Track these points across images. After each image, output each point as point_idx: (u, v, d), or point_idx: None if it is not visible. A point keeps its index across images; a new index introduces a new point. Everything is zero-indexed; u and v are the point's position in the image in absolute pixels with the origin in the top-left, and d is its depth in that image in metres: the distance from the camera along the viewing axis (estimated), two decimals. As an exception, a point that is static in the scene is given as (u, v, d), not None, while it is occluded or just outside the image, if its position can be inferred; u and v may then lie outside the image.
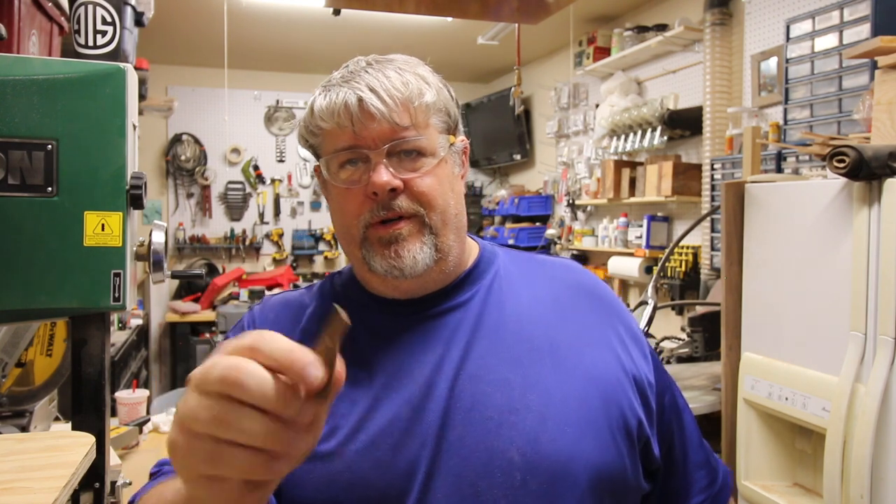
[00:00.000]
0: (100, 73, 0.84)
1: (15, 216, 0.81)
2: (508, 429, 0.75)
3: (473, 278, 0.86)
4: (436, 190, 0.79)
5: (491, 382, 0.78)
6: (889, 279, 1.33)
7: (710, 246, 2.99)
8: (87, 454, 0.76)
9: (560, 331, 0.83)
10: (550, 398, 0.77)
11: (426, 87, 0.79)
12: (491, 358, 0.80)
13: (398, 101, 0.77)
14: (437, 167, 0.80)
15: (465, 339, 0.81)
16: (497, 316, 0.83)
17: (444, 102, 0.82)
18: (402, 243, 0.78)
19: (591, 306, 0.87)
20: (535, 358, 0.80)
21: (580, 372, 0.80)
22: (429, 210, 0.79)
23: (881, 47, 1.48)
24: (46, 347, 1.34)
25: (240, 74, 5.64)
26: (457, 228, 0.83)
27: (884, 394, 1.34)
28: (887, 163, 1.35)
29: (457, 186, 0.84)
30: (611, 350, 0.84)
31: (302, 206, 6.01)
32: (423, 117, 0.79)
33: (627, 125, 3.89)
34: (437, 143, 0.80)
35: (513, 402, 0.77)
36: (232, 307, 4.58)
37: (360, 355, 0.82)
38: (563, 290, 0.88)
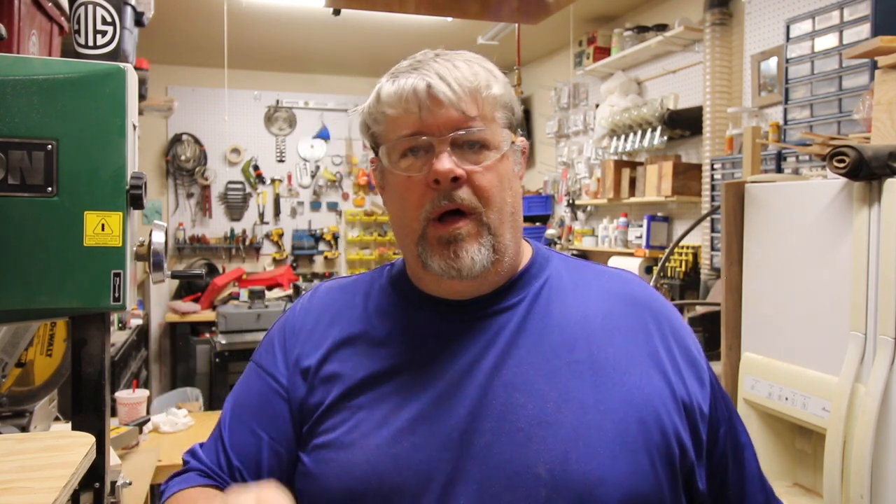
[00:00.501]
0: (100, 73, 0.84)
1: (15, 216, 0.81)
2: (538, 443, 0.73)
3: (523, 283, 0.83)
4: (496, 186, 0.78)
5: (525, 392, 0.75)
6: (889, 279, 1.33)
7: (710, 246, 2.99)
8: (87, 454, 0.76)
9: (605, 347, 0.79)
10: (585, 416, 0.74)
11: (494, 80, 0.78)
12: (528, 367, 0.77)
13: (467, 91, 0.75)
14: (499, 162, 0.78)
15: (504, 345, 0.78)
16: (541, 324, 0.80)
17: (509, 98, 0.80)
18: (460, 244, 0.77)
19: (644, 324, 0.82)
20: (574, 372, 0.77)
21: (621, 392, 0.76)
22: (487, 207, 0.77)
23: (881, 47, 1.48)
24: (46, 347, 1.34)
25: (240, 74, 5.64)
26: (513, 227, 0.81)
27: (884, 394, 1.34)
28: (887, 163, 1.35)
29: (515, 185, 0.82)
30: (659, 372, 0.79)
31: (302, 206, 6.01)
32: (490, 110, 0.78)
33: (627, 125, 3.89)
34: (500, 137, 0.79)
35: (545, 415, 0.74)
36: (232, 307, 4.58)
37: (396, 350, 0.81)
38: (616, 305, 0.83)
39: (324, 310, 0.89)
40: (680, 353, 0.82)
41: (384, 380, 0.80)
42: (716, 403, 0.82)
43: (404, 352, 0.81)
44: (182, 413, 2.64)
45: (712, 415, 0.81)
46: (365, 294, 0.88)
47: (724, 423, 0.83)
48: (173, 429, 2.55)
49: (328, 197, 6.08)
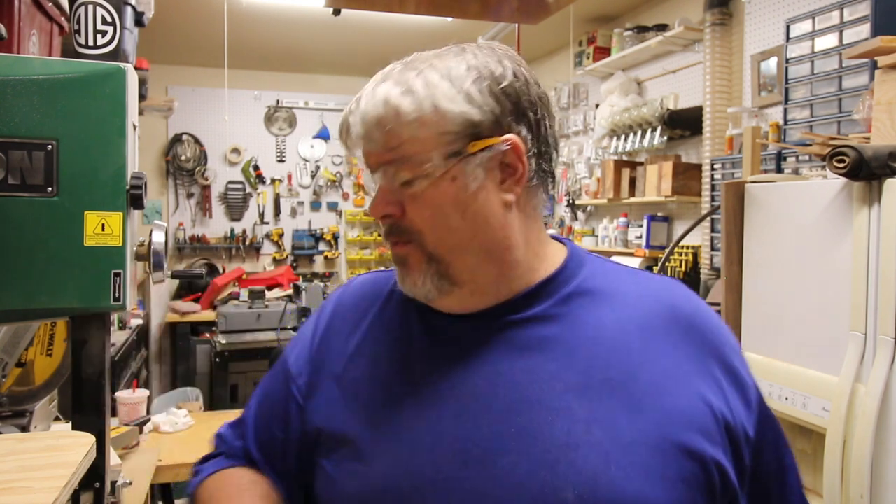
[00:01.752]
0: (100, 73, 0.84)
1: (15, 216, 0.81)
2: (567, 465, 0.67)
3: (551, 289, 0.76)
4: (427, 218, 0.71)
5: (553, 410, 0.69)
6: (889, 279, 1.33)
7: (710, 246, 2.98)
8: (87, 454, 0.76)
9: (642, 362, 0.72)
10: (618, 438, 0.68)
11: (407, 104, 0.69)
12: (557, 382, 0.71)
13: (372, 124, 0.70)
14: (430, 189, 0.70)
15: (532, 358, 0.72)
16: (572, 335, 0.73)
17: (445, 109, 0.69)
18: (404, 269, 0.74)
19: (687, 338, 0.75)
20: (607, 389, 0.70)
21: (658, 413, 0.69)
22: (426, 237, 0.72)
23: (881, 47, 1.48)
24: (46, 347, 1.34)
25: (240, 74, 5.64)
26: (480, 249, 0.73)
27: (884, 394, 1.34)
28: (887, 163, 1.35)
29: (474, 204, 0.71)
30: (701, 392, 0.72)
31: (302, 206, 6.01)
32: (414, 135, 0.69)
33: (627, 125, 3.89)
34: (425, 163, 0.69)
35: (574, 435, 0.68)
36: (232, 307, 4.58)
37: (414, 359, 0.77)
38: (657, 316, 0.75)
39: (352, 308, 0.86)
40: (725, 373, 0.75)
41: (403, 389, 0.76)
42: (762, 426, 0.76)
43: (421, 361, 0.77)
44: (182, 413, 2.64)
45: (758, 439, 0.75)
46: (389, 293, 0.85)
47: (770, 446, 0.77)
48: (173, 429, 2.55)
49: (328, 197, 6.08)
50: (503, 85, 0.71)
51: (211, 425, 2.71)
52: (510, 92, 0.71)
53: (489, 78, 0.71)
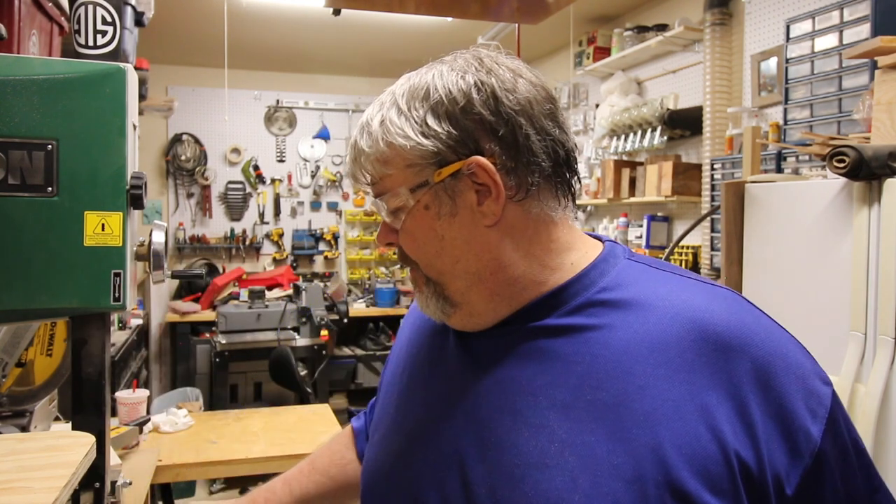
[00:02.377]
0: (100, 73, 0.84)
1: (15, 216, 0.81)
2: (531, 485, 0.64)
3: (563, 298, 0.71)
4: (412, 248, 0.73)
5: (531, 426, 0.66)
6: (889, 279, 1.33)
7: (710, 246, 2.98)
8: (87, 454, 0.76)
9: (642, 388, 0.63)
10: (592, 466, 0.62)
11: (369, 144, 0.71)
12: (543, 397, 0.67)
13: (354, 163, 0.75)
14: (409, 220, 0.72)
15: (525, 369, 0.69)
16: (572, 349, 0.68)
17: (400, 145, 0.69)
18: (417, 293, 0.77)
19: (710, 363, 0.63)
20: (592, 412, 0.64)
21: (646, 448, 0.61)
22: (420, 264, 0.74)
23: (881, 47, 1.48)
24: (46, 347, 1.34)
25: (240, 74, 5.64)
26: (467, 273, 0.71)
27: (884, 394, 1.34)
28: (887, 163, 1.35)
29: (450, 229, 0.70)
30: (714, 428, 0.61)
31: (302, 206, 6.01)
32: (376, 172, 0.72)
33: (627, 125, 3.89)
34: (397, 196, 0.71)
35: (547, 456, 0.64)
36: (232, 307, 4.58)
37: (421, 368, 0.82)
38: (680, 336, 0.65)
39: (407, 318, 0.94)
40: (765, 409, 0.62)
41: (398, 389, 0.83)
42: (814, 484, 0.62)
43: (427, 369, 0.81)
44: (182, 413, 2.64)
45: (801, 498, 0.62)
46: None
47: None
48: (173, 429, 2.55)
49: (328, 197, 6.08)
50: (461, 106, 0.68)
51: (211, 425, 2.72)
52: (469, 112, 0.68)
53: (442, 104, 0.68)
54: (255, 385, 4.67)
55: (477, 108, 0.68)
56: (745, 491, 0.60)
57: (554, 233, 0.73)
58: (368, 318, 5.31)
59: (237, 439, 2.52)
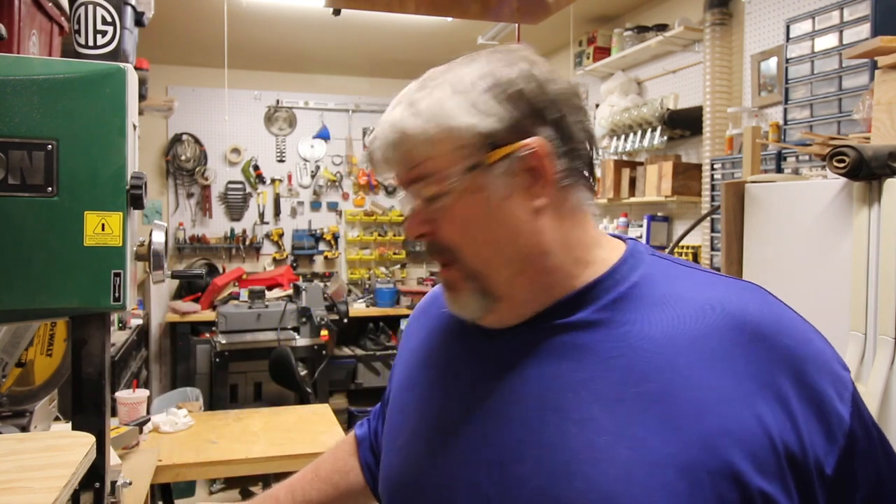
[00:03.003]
0: (100, 73, 0.84)
1: (15, 216, 0.81)
2: (584, 480, 0.63)
3: (595, 294, 0.72)
4: (457, 234, 0.70)
5: (577, 421, 0.66)
6: (889, 279, 1.33)
7: (710, 246, 2.98)
8: (87, 454, 0.76)
9: (688, 378, 0.64)
10: (645, 458, 0.62)
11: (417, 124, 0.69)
12: (586, 392, 0.67)
13: (390, 146, 0.70)
14: (457, 204, 0.69)
15: (562, 365, 0.69)
16: (611, 344, 0.68)
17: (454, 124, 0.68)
18: (451, 292, 0.74)
19: (750, 353, 0.65)
20: (640, 404, 0.64)
21: (697, 436, 0.62)
22: (460, 254, 0.70)
23: (881, 47, 1.48)
24: (46, 347, 1.34)
25: (240, 74, 5.64)
26: (513, 260, 0.70)
27: (884, 394, 1.34)
28: (887, 163, 1.35)
29: (502, 213, 0.69)
30: (758, 415, 0.63)
31: (302, 206, 6.01)
32: (419, 156, 0.70)
33: (627, 125, 3.89)
34: (449, 180, 0.69)
35: (597, 450, 0.64)
36: (232, 307, 4.58)
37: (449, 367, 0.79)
38: (718, 327, 0.67)
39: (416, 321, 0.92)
40: (801, 395, 0.64)
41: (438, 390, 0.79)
42: (851, 460, 0.65)
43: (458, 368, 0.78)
44: (182, 413, 2.64)
45: (839, 477, 0.64)
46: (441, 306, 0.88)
47: (864, 485, 0.66)
48: (173, 429, 2.55)
49: (328, 197, 6.08)
50: (514, 90, 0.68)
51: (211, 425, 2.72)
52: (523, 95, 0.69)
53: (499, 85, 0.69)
54: (255, 385, 4.67)
55: (531, 91, 0.69)
56: (790, 474, 0.62)
57: (587, 225, 0.74)
58: (368, 318, 5.31)
59: (237, 439, 2.52)
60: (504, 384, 0.72)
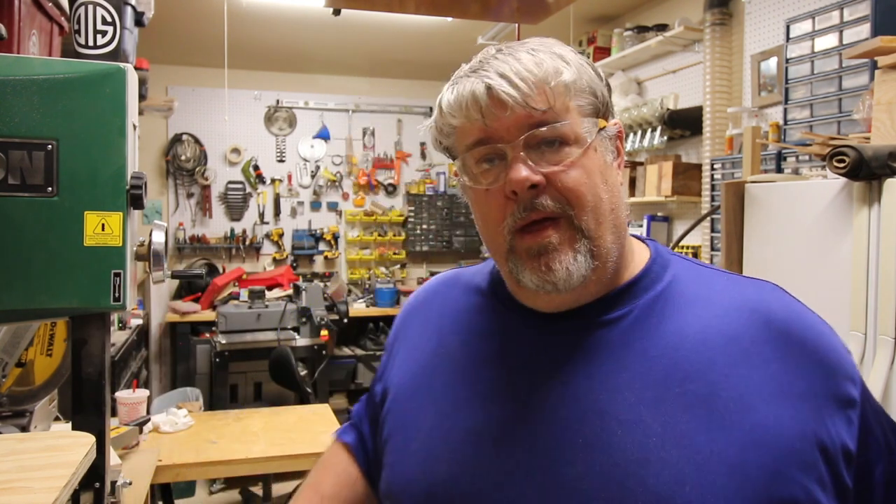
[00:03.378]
0: (100, 73, 0.84)
1: (15, 216, 0.81)
2: (635, 483, 0.63)
3: (635, 292, 0.72)
4: (584, 184, 0.68)
5: (624, 422, 0.66)
6: (889, 279, 1.33)
7: (710, 246, 2.98)
8: (87, 454, 0.76)
9: (728, 377, 0.66)
10: (695, 456, 0.63)
11: (564, 66, 0.68)
12: (629, 393, 0.67)
13: (531, 84, 0.67)
14: (583, 157, 0.69)
15: (603, 365, 0.69)
16: (650, 343, 0.69)
17: (588, 81, 0.70)
18: (552, 254, 0.68)
19: (781, 351, 0.68)
20: (685, 404, 0.65)
21: (742, 433, 0.64)
22: (578, 209, 0.68)
23: (881, 47, 1.48)
24: (46, 347, 1.34)
25: (240, 74, 5.64)
26: (615, 226, 0.71)
27: (884, 394, 1.34)
28: (887, 163, 1.35)
29: (611, 177, 0.71)
30: (794, 411, 0.65)
31: (302, 206, 6.01)
32: (563, 100, 0.68)
33: (627, 125, 3.89)
34: (581, 128, 0.69)
35: (646, 450, 0.64)
36: (232, 307, 4.58)
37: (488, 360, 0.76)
38: (748, 326, 0.69)
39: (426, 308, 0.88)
40: (825, 388, 0.67)
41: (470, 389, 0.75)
42: (866, 440, 0.68)
43: (495, 363, 0.75)
44: (182, 413, 2.64)
45: (861, 455, 0.67)
46: (464, 289, 0.85)
47: (881, 459, 0.69)
48: (173, 429, 2.55)
49: (328, 197, 6.08)
50: (603, 74, 0.74)
51: (211, 425, 2.72)
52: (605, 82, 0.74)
53: (594, 66, 0.73)
54: (255, 385, 4.67)
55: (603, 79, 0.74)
56: (825, 468, 0.64)
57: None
58: (368, 318, 5.31)
59: (237, 439, 2.52)
60: (545, 385, 0.70)
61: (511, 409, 0.71)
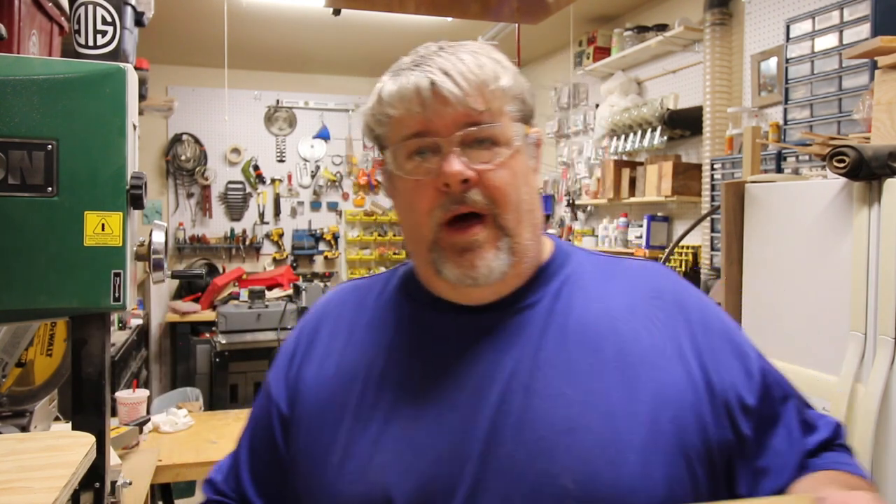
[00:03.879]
0: (100, 73, 0.84)
1: (15, 216, 0.81)
2: (563, 452, 0.68)
3: (543, 280, 0.78)
4: (510, 184, 0.72)
5: (547, 397, 0.70)
6: (889, 279, 1.33)
7: (710, 246, 2.98)
8: (87, 454, 0.76)
9: (632, 343, 0.73)
10: (614, 419, 0.69)
11: (502, 71, 0.73)
12: (549, 369, 0.72)
13: (473, 85, 0.70)
14: (511, 158, 0.73)
15: (523, 347, 0.74)
16: (561, 323, 0.75)
17: (521, 89, 0.75)
18: (477, 251, 0.72)
19: (672, 316, 0.76)
20: (600, 372, 0.71)
21: (652, 390, 0.70)
22: (502, 207, 0.72)
23: (881, 47, 1.48)
24: (46, 347, 1.34)
25: (240, 74, 5.64)
26: (532, 226, 0.76)
27: (884, 394, 1.34)
28: (887, 163, 1.35)
29: (531, 180, 0.76)
30: (693, 365, 0.72)
31: (302, 206, 6.01)
32: (499, 103, 0.72)
33: (627, 125, 3.89)
34: (512, 132, 0.73)
35: (569, 420, 0.69)
36: (232, 307, 4.58)
37: (409, 355, 0.78)
38: (641, 299, 0.77)
39: (335, 315, 0.86)
40: (715, 344, 0.75)
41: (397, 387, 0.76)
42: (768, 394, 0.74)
43: (417, 357, 0.77)
44: (182, 413, 2.64)
45: (761, 412, 0.73)
46: (378, 294, 0.85)
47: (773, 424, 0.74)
48: (173, 429, 2.55)
49: (328, 197, 6.08)
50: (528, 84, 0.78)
51: (211, 425, 2.72)
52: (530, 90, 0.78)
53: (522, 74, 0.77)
54: (255, 385, 4.67)
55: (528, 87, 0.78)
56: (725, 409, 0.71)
57: None
58: (368, 318, 5.31)
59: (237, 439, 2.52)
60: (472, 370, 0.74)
61: (440, 403, 0.73)
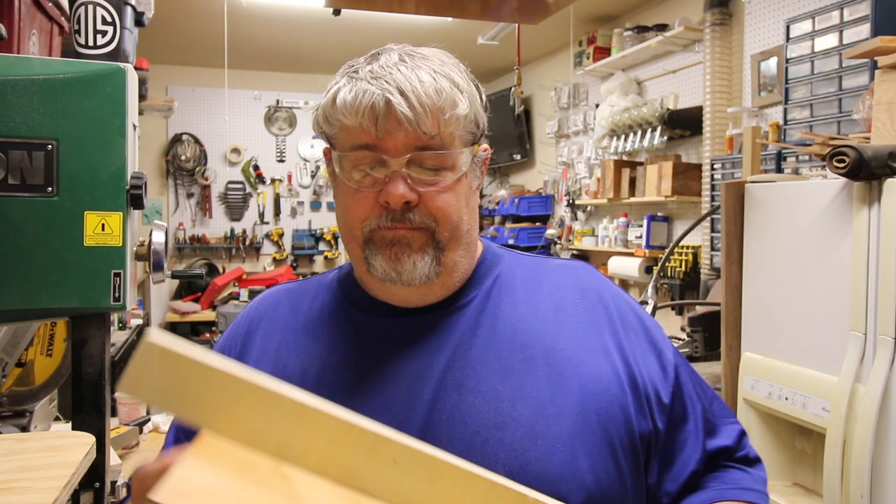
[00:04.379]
0: (100, 73, 0.84)
1: (15, 216, 0.81)
2: (494, 445, 0.70)
3: (474, 282, 0.81)
4: (451, 206, 0.74)
5: (478, 393, 0.73)
6: (889, 279, 1.33)
7: (710, 246, 2.98)
8: (87, 454, 0.76)
9: (559, 339, 0.77)
10: (542, 412, 0.72)
11: (459, 97, 0.73)
12: (480, 367, 0.75)
13: (428, 110, 0.70)
14: (456, 183, 0.75)
15: (454, 346, 0.76)
16: (492, 323, 0.78)
17: (475, 112, 0.76)
18: (404, 248, 0.74)
19: (595, 313, 0.80)
20: (528, 368, 0.75)
21: (578, 384, 0.74)
22: (440, 226, 0.74)
23: (881, 47, 1.48)
24: (46, 347, 1.34)
25: (240, 74, 5.64)
26: (467, 244, 0.78)
27: (884, 394, 1.34)
28: (887, 163, 1.35)
29: (472, 201, 0.79)
30: (615, 360, 0.77)
31: (302, 206, 6.01)
32: (451, 130, 0.73)
33: (627, 125, 3.89)
34: (460, 158, 0.74)
35: (501, 415, 0.72)
36: (232, 307, 4.58)
37: (343, 356, 0.78)
38: (566, 297, 0.81)
39: (269, 318, 0.85)
40: (636, 340, 0.79)
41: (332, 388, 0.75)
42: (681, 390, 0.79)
43: (351, 358, 0.78)
44: (182, 413, 2.63)
45: (675, 408, 0.78)
46: (312, 297, 0.86)
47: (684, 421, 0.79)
48: (173, 429, 2.55)
49: (328, 197, 6.08)
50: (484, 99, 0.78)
51: (211, 425, 2.72)
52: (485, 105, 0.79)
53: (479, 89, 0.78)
54: (255, 385, 4.67)
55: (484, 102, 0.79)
56: (645, 401, 0.76)
57: None
58: (368, 318, 5.31)
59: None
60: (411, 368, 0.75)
61: (375, 402, 0.74)
